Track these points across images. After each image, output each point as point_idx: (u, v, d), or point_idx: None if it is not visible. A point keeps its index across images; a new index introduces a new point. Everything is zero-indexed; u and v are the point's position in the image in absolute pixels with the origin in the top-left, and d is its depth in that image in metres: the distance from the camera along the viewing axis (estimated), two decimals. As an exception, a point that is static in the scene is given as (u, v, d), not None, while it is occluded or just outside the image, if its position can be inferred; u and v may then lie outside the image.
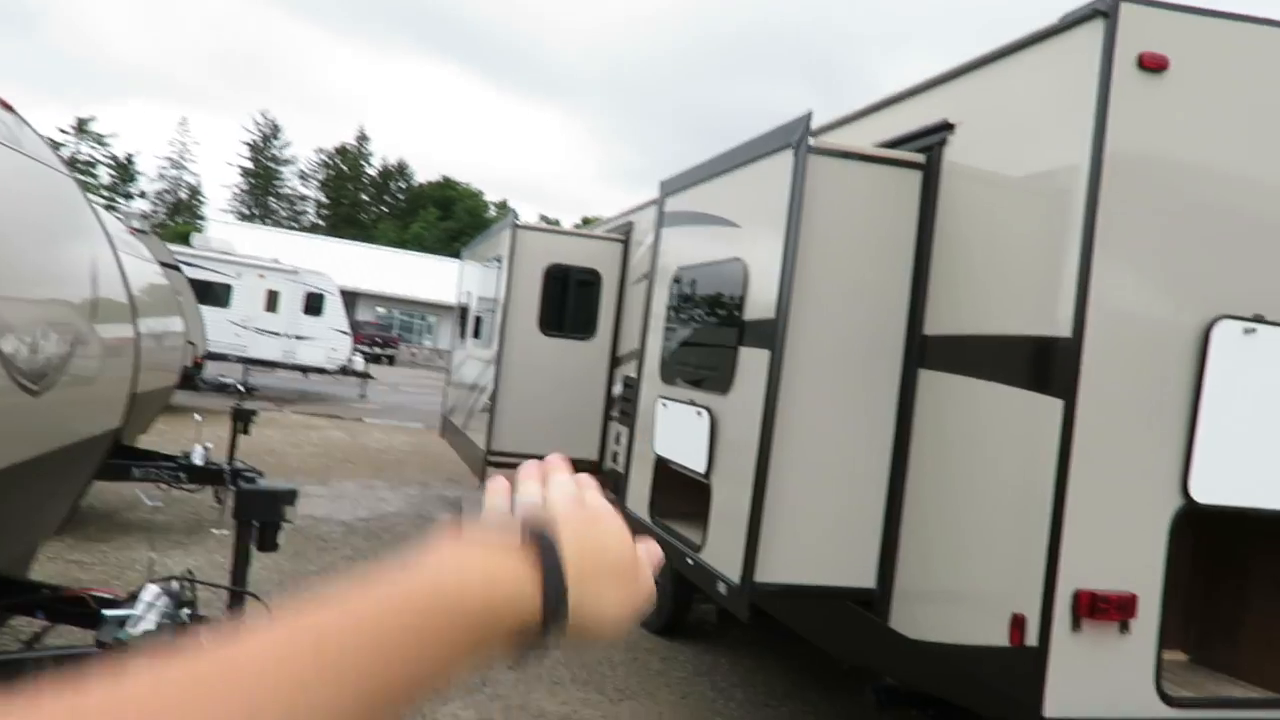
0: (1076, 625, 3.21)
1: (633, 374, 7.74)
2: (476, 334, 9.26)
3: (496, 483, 0.80)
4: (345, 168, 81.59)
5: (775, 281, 3.93)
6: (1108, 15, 3.20)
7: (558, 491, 0.76)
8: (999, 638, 3.35)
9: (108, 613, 3.43)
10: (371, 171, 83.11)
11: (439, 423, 12.02)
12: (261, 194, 79.08)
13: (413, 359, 44.19)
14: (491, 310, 8.78)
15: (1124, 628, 3.27)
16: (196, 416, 8.21)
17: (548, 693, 5.38)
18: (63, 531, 6.08)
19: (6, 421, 3.25)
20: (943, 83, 4.10)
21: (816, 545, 4.06)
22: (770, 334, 3.94)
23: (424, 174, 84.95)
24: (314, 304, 21.50)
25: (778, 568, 3.93)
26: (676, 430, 4.84)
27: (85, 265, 4.35)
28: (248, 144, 78.83)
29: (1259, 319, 3.38)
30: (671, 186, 5.46)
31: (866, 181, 4.09)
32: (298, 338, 21.32)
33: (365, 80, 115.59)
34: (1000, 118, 3.77)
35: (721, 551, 4.17)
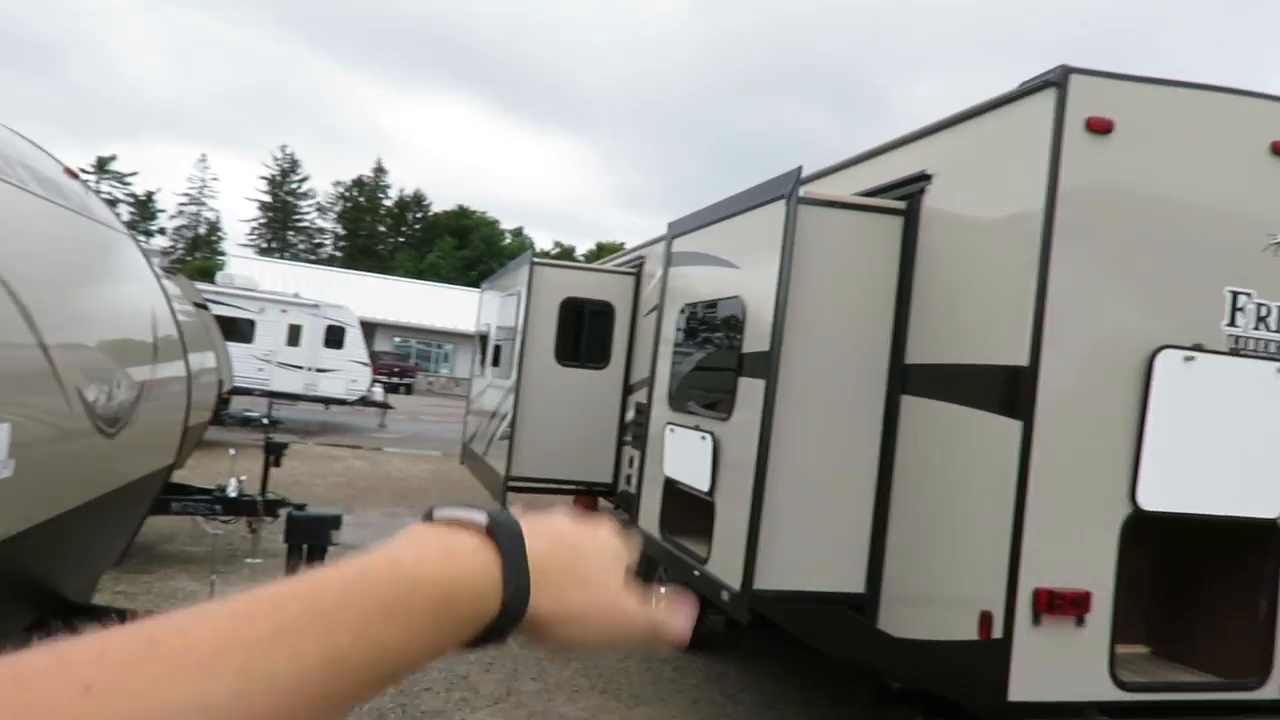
0: (1037, 620, 3.63)
1: (644, 401, 8.21)
2: (496, 363, 9.75)
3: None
4: (362, 199, 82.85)
5: (770, 317, 4.39)
6: (1059, 85, 3.67)
7: (551, 515, 0.75)
8: (970, 633, 3.77)
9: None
10: (388, 202, 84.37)
11: (460, 450, 12.47)
12: (280, 228, 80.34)
13: (430, 388, 44.77)
14: (510, 341, 9.27)
15: (1080, 621, 3.68)
16: (231, 451, 8.68)
17: (568, 699, 5.80)
18: (119, 563, 6.54)
19: (85, 463, 3.72)
20: (922, 137, 4.58)
21: (810, 555, 4.49)
22: (766, 365, 4.39)
23: (440, 204, 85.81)
24: (335, 337, 22.07)
25: (774, 575, 4.36)
26: (683, 453, 5.29)
27: (147, 313, 4.86)
28: (266, 178, 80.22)
29: (1198, 348, 3.82)
30: (678, 229, 5.94)
31: (852, 227, 4.56)
32: (319, 370, 21.87)
33: (382, 112, 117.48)
34: (971, 170, 4.24)
35: (724, 562, 4.60)
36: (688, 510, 5.54)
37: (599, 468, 8.87)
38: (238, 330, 20.10)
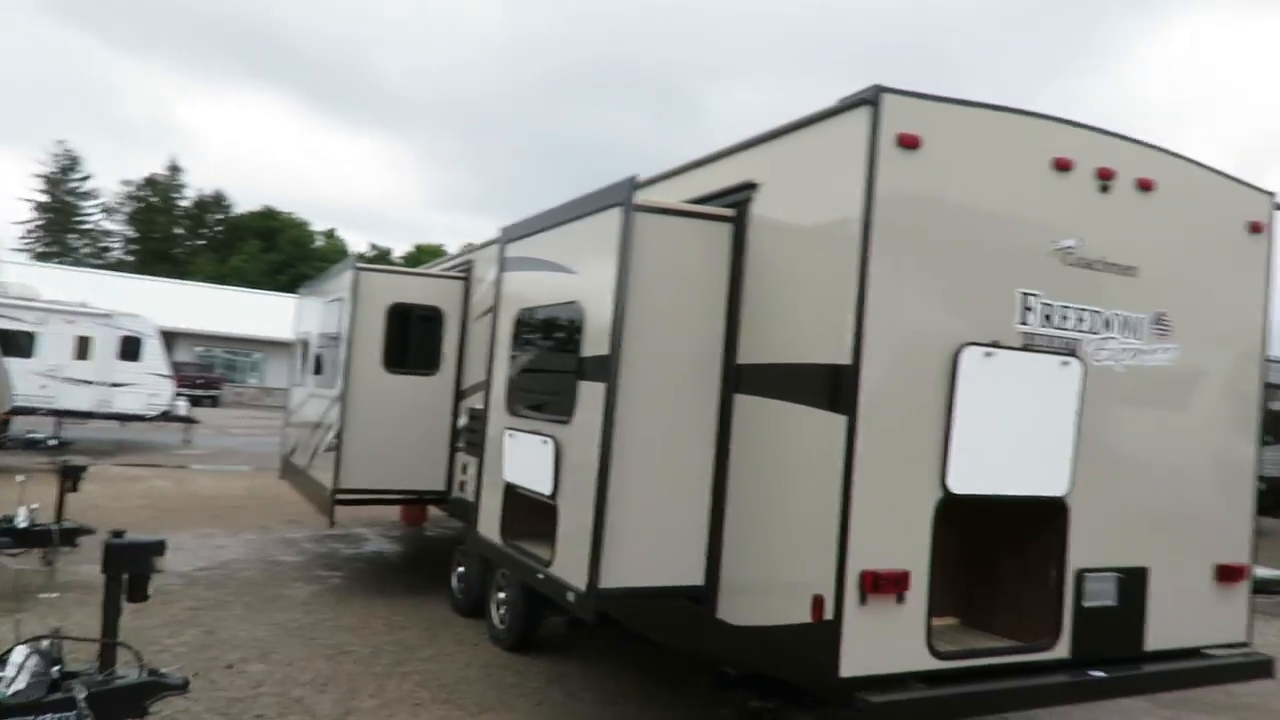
0: (863, 600, 3.91)
1: (478, 406, 8.15)
2: (318, 372, 9.40)
3: None
4: (156, 199, 77.13)
5: (608, 322, 4.50)
6: (873, 103, 3.96)
7: None
8: (803, 616, 4.01)
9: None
10: (185, 203, 78.98)
11: (279, 464, 11.93)
12: (60, 230, 73.64)
13: (239, 399, 42.39)
14: (334, 349, 8.96)
15: (900, 599, 3.99)
16: (19, 477, 7.98)
17: (410, 713, 5.69)
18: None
19: None
20: (748, 148, 4.81)
21: (652, 552, 4.62)
22: (605, 369, 4.49)
23: (244, 204, 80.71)
24: (130, 348, 20.56)
25: (619, 574, 4.47)
26: (523, 458, 5.32)
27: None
28: (42, 177, 73.38)
29: (996, 345, 4.22)
30: (512, 234, 5.96)
31: (685, 234, 4.73)
32: (113, 385, 20.31)
33: (174, 106, 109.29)
34: (794, 180, 4.50)
35: (569, 563, 4.66)
36: (529, 514, 5.57)
37: (431, 475, 8.72)
38: (15, 344, 18.37)
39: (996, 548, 4.80)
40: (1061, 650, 4.41)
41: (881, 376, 3.98)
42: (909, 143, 4.04)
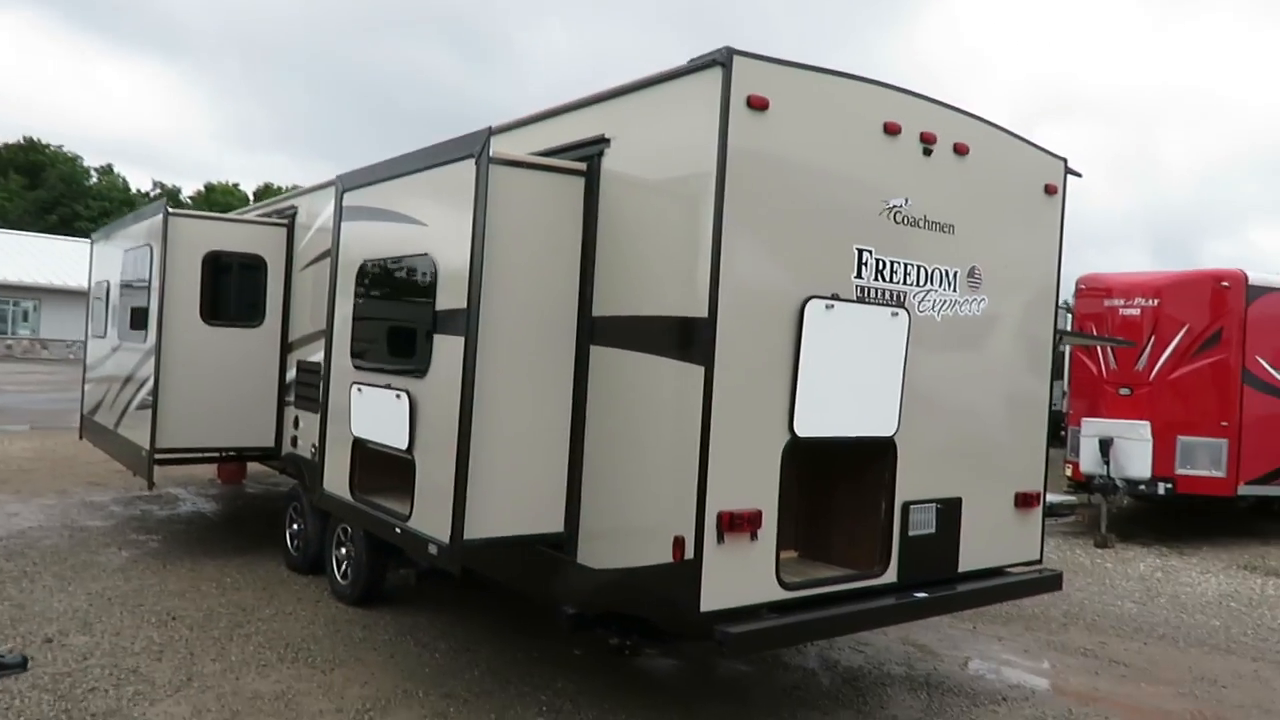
0: (721, 539, 4.16)
1: (308, 359, 7.89)
2: (133, 325, 8.75)
3: None
4: (-110, 127, 67.96)
5: (464, 275, 4.48)
6: (725, 65, 4.11)
7: None
8: (664, 556, 4.23)
9: None
10: (-73, 133, 69.99)
11: (79, 423, 11.06)
12: None
13: (9, 353, 38.57)
14: (143, 299, 8.38)
15: (753, 536, 4.28)
16: None
17: (257, 674, 5.57)
18: None
19: None
20: (598, 102, 4.86)
21: (513, 501, 4.71)
22: (463, 322, 4.49)
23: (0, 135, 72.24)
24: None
25: (482, 524, 4.54)
26: (374, 412, 5.24)
27: None
28: None
29: (835, 297, 4.53)
30: (350, 182, 5.76)
31: (539, 187, 4.76)
32: None
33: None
34: (646, 135, 4.60)
35: (429, 517, 4.68)
36: (377, 470, 5.51)
37: (259, 431, 8.38)
38: None
39: (829, 485, 5.19)
40: (890, 575, 4.87)
41: (735, 328, 4.20)
42: (758, 104, 4.23)
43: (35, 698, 5.05)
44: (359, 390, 5.37)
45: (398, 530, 4.95)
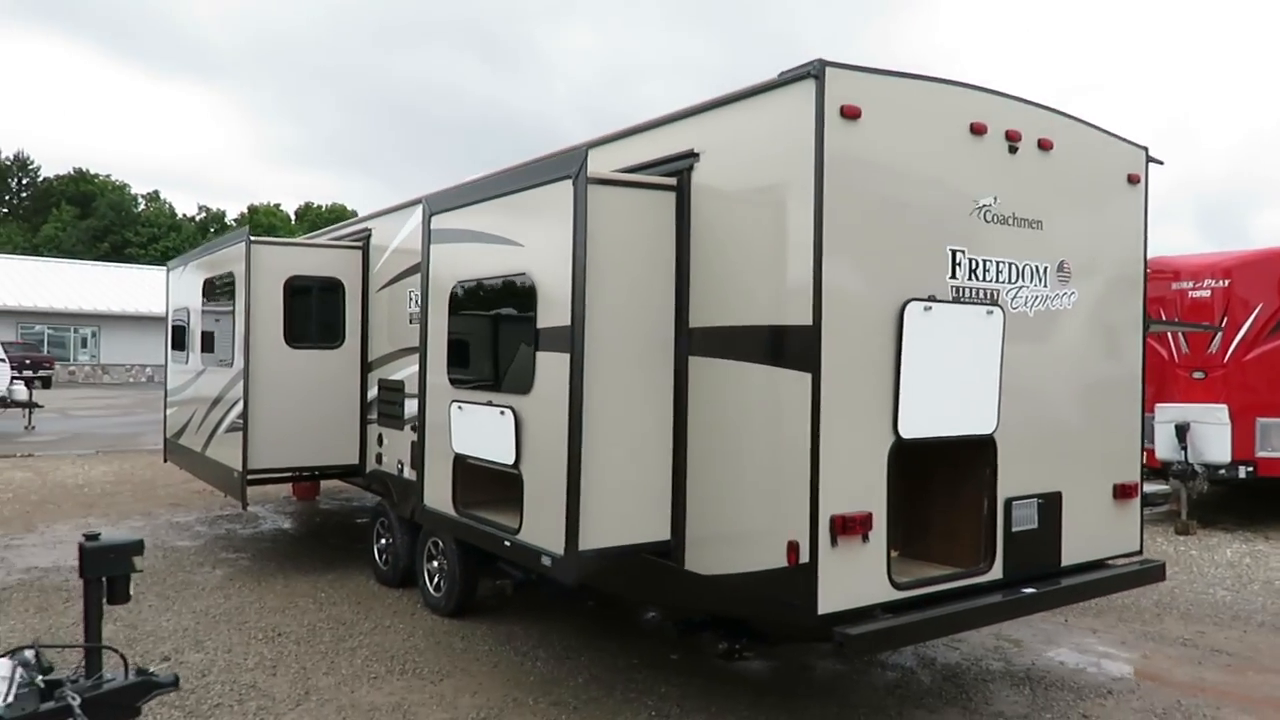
0: (834, 542, 4.23)
1: (390, 377, 8.09)
2: (209, 350, 9.02)
3: None
4: (-56, 165, 70.10)
5: (566, 294, 4.59)
6: (818, 77, 4.18)
7: None
8: (778, 561, 4.31)
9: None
10: (-20, 168, 72.02)
11: (163, 447, 11.38)
12: None
13: (72, 379, 39.62)
14: (228, 324, 8.63)
15: (865, 538, 4.34)
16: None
17: (370, 687, 5.73)
18: None
19: None
20: (685, 117, 4.96)
21: (621, 512, 4.81)
22: (566, 339, 4.60)
23: (51, 167, 74.10)
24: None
25: (594, 535, 4.64)
26: (475, 429, 5.37)
27: None
28: None
29: (932, 299, 4.57)
30: (438, 205, 5.91)
31: (633, 204, 4.86)
32: (-60, 370, 18.70)
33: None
34: (738, 148, 4.67)
35: (541, 530, 4.80)
36: (476, 484, 5.65)
37: (343, 449, 8.59)
38: None
39: (924, 484, 5.23)
40: (996, 572, 4.89)
41: (839, 335, 4.26)
42: (850, 113, 4.29)
43: (166, 714, 5.25)
44: (459, 408, 5.51)
45: (507, 543, 5.08)
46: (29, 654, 3.70)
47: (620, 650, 6.36)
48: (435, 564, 7.34)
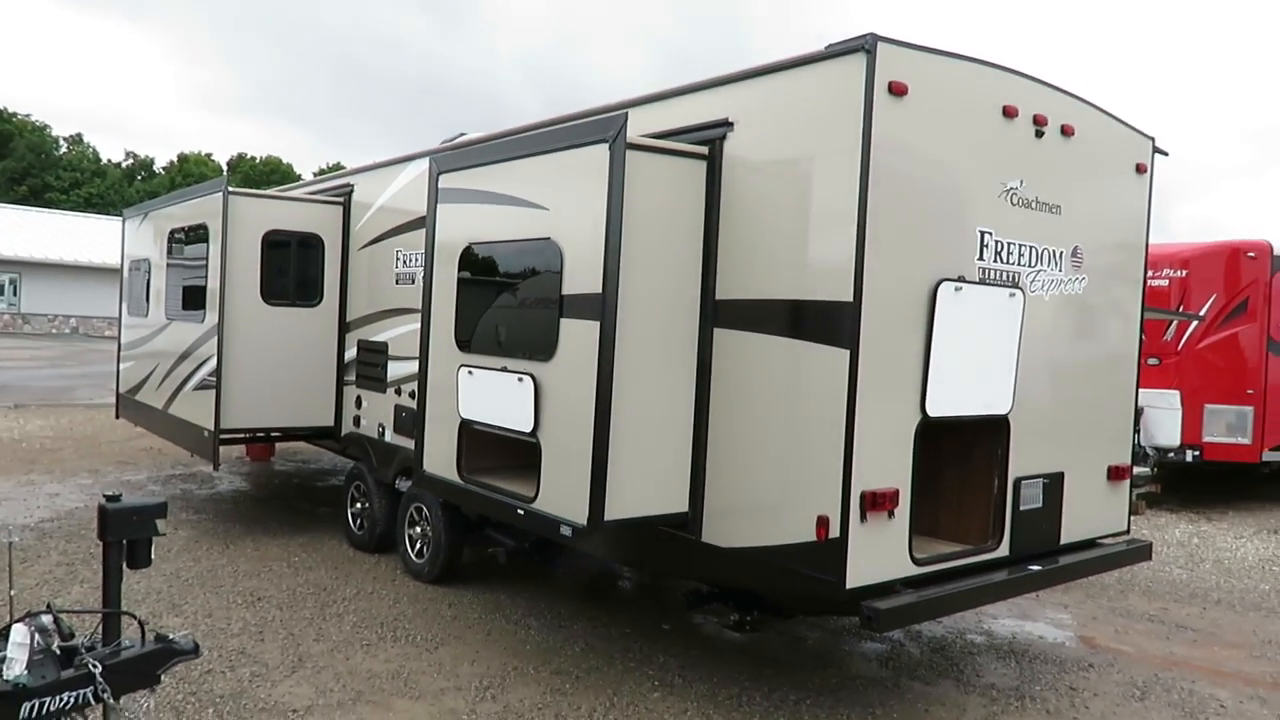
0: (864, 518, 4.26)
1: (371, 338, 7.89)
2: (185, 305, 8.67)
3: None
4: None
5: (596, 261, 4.51)
6: (870, 51, 4.14)
7: None
8: (807, 535, 4.32)
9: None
10: (-115, 102, 67.79)
11: (115, 402, 10.95)
12: None
13: (-12, 328, 37.88)
14: (198, 279, 8.30)
15: (891, 515, 4.38)
16: None
17: (365, 653, 5.63)
18: None
19: None
20: (721, 85, 4.88)
21: (642, 483, 4.77)
22: (595, 306, 4.52)
23: (-40, 106, 69.97)
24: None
25: (618, 506, 4.60)
26: (488, 395, 5.26)
27: None
28: None
29: (962, 279, 4.61)
30: (448, 164, 5.74)
31: (665, 171, 4.78)
32: None
33: None
34: (778, 119, 4.61)
35: (561, 500, 4.73)
36: (482, 451, 5.55)
37: (318, 411, 8.37)
38: None
39: (933, 462, 5.29)
40: (1003, 550, 4.99)
41: (877, 312, 4.27)
42: (898, 90, 4.27)
43: (158, 681, 5.07)
44: (469, 373, 5.39)
45: (520, 512, 5.01)
46: (46, 619, 3.53)
47: (614, 620, 6.35)
48: (418, 530, 7.22)
